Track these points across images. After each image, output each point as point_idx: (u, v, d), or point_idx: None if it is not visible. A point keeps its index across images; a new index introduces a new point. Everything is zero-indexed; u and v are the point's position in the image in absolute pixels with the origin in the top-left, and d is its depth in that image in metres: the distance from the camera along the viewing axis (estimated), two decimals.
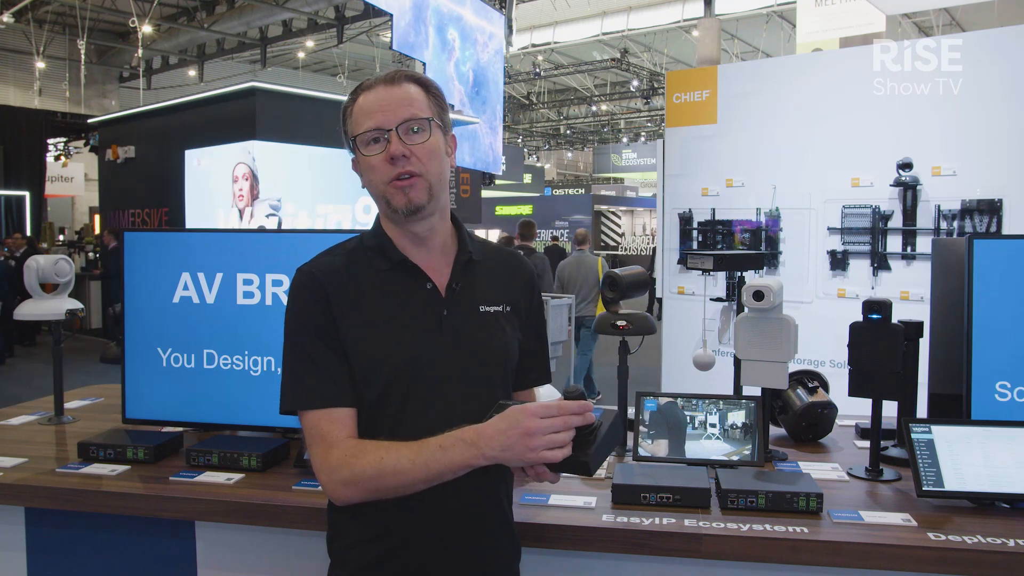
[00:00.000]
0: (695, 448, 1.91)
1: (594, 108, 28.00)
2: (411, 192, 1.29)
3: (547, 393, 1.93)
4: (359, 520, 1.31)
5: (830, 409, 2.15)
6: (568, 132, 34.03)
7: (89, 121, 13.17)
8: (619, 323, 2.04)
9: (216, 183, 8.64)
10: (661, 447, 1.92)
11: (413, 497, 1.24)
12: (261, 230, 6.08)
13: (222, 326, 2.09)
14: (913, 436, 1.72)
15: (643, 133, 32.24)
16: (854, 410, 2.17)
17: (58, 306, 2.38)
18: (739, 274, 2.30)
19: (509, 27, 13.58)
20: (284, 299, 2.01)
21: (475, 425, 1.19)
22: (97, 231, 15.19)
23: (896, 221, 4.00)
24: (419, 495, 1.24)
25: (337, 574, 1.36)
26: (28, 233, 13.85)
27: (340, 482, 1.23)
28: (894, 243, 4.02)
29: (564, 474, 1.22)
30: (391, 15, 9.53)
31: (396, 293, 1.33)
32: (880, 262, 4.05)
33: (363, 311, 1.31)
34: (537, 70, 21.03)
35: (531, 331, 1.47)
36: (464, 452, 1.18)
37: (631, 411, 2.07)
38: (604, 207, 26.94)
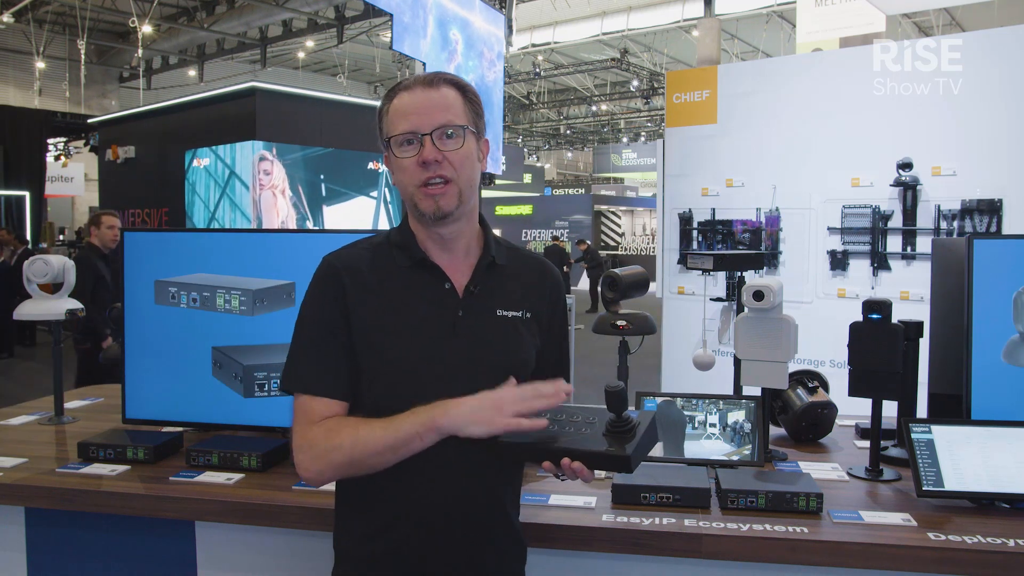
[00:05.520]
0: (695, 448, 1.91)
1: (594, 108, 28.00)
2: (441, 200, 1.29)
3: None
4: (362, 514, 1.33)
5: (830, 409, 2.15)
6: (568, 132, 34.04)
7: (89, 121, 13.20)
8: (619, 323, 2.05)
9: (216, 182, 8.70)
10: (661, 447, 1.92)
11: (415, 494, 1.26)
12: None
13: (222, 326, 2.09)
14: (913, 436, 1.72)
15: (643, 133, 32.25)
16: (854, 410, 2.17)
17: (58, 306, 2.38)
18: (739, 274, 2.31)
19: (509, 27, 13.57)
20: None
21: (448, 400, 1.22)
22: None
23: (896, 221, 4.00)
24: (420, 492, 1.26)
25: (342, 570, 1.37)
26: (28, 234, 13.83)
27: (314, 456, 1.25)
28: (894, 243, 4.02)
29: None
30: (391, 15, 9.51)
31: (413, 290, 1.34)
32: (880, 262, 4.05)
33: (379, 306, 1.32)
34: (537, 70, 21.02)
35: (552, 340, 1.45)
36: (430, 412, 1.21)
37: None
38: (604, 207, 26.95)
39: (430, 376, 1.30)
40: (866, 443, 2.02)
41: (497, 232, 1.47)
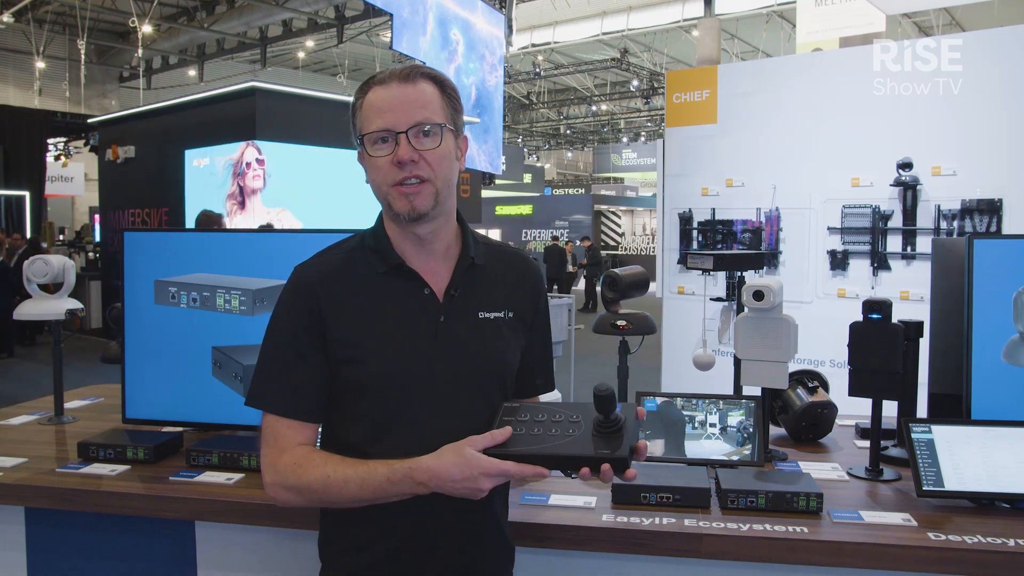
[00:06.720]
0: (695, 448, 1.91)
1: (594, 108, 28.00)
2: (416, 199, 1.24)
3: (551, 399, 1.92)
4: (351, 525, 1.31)
5: (830, 409, 2.15)
6: (568, 132, 34.04)
7: (89, 121, 13.19)
8: (619, 323, 2.05)
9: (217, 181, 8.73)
10: (660, 447, 1.92)
11: (404, 504, 1.23)
12: (264, 229, 6.15)
13: (222, 326, 2.09)
14: (913, 436, 1.72)
15: (643, 133, 32.26)
16: (854, 410, 2.17)
17: (58, 306, 2.38)
18: (739, 274, 2.31)
19: (509, 27, 13.55)
20: None
21: (428, 463, 1.18)
22: (97, 231, 15.18)
23: (896, 221, 4.00)
24: (410, 502, 1.23)
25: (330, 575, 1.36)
26: (28, 233, 13.84)
27: (283, 487, 1.25)
28: (894, 243, 4.02)
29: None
30: (391, 15, 9.49)
31: (392, 298, 1.29)
32: (880, 262, 4.05)
33: (358, 315, 1.28)
34: (537, 70, 21.02)
35: (536, 337, 1.43)
36: (412, 488, 1.19)
37: None
38: (604, 207, 26.99)
39: (415, 384, 1.27)
40: (866, 443, 2.02)
41: (497, 232, 1.47)
